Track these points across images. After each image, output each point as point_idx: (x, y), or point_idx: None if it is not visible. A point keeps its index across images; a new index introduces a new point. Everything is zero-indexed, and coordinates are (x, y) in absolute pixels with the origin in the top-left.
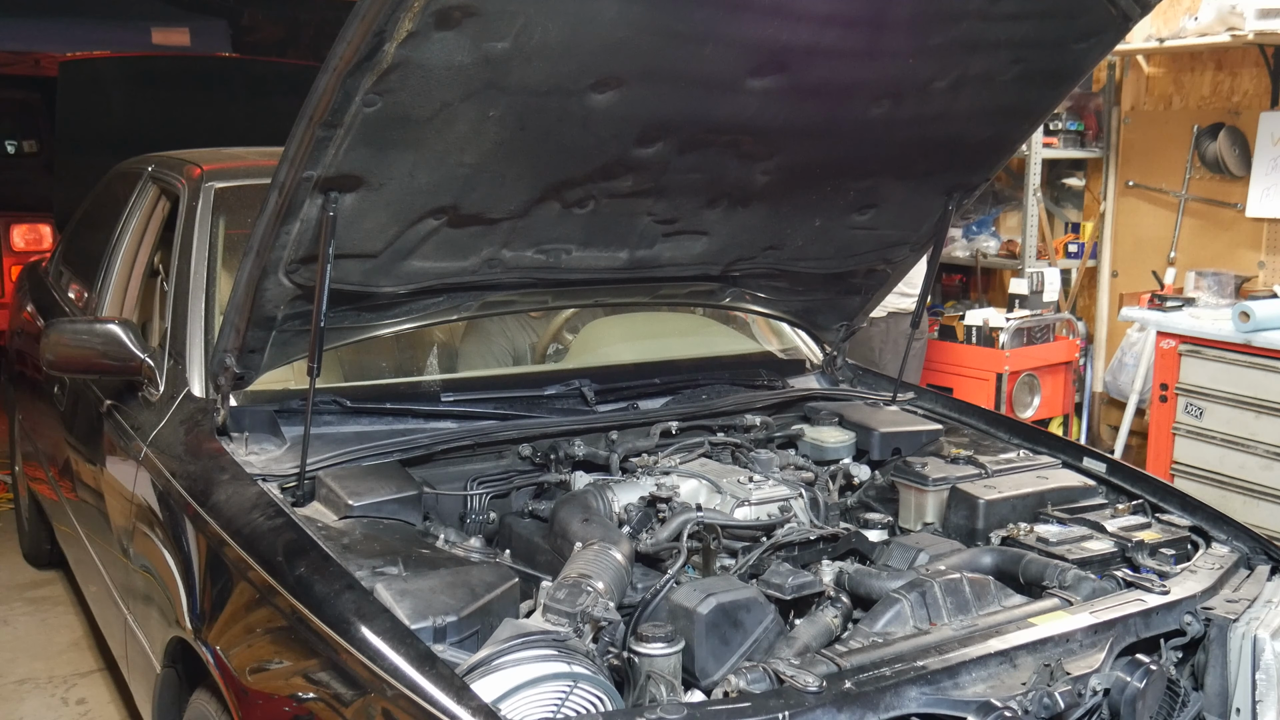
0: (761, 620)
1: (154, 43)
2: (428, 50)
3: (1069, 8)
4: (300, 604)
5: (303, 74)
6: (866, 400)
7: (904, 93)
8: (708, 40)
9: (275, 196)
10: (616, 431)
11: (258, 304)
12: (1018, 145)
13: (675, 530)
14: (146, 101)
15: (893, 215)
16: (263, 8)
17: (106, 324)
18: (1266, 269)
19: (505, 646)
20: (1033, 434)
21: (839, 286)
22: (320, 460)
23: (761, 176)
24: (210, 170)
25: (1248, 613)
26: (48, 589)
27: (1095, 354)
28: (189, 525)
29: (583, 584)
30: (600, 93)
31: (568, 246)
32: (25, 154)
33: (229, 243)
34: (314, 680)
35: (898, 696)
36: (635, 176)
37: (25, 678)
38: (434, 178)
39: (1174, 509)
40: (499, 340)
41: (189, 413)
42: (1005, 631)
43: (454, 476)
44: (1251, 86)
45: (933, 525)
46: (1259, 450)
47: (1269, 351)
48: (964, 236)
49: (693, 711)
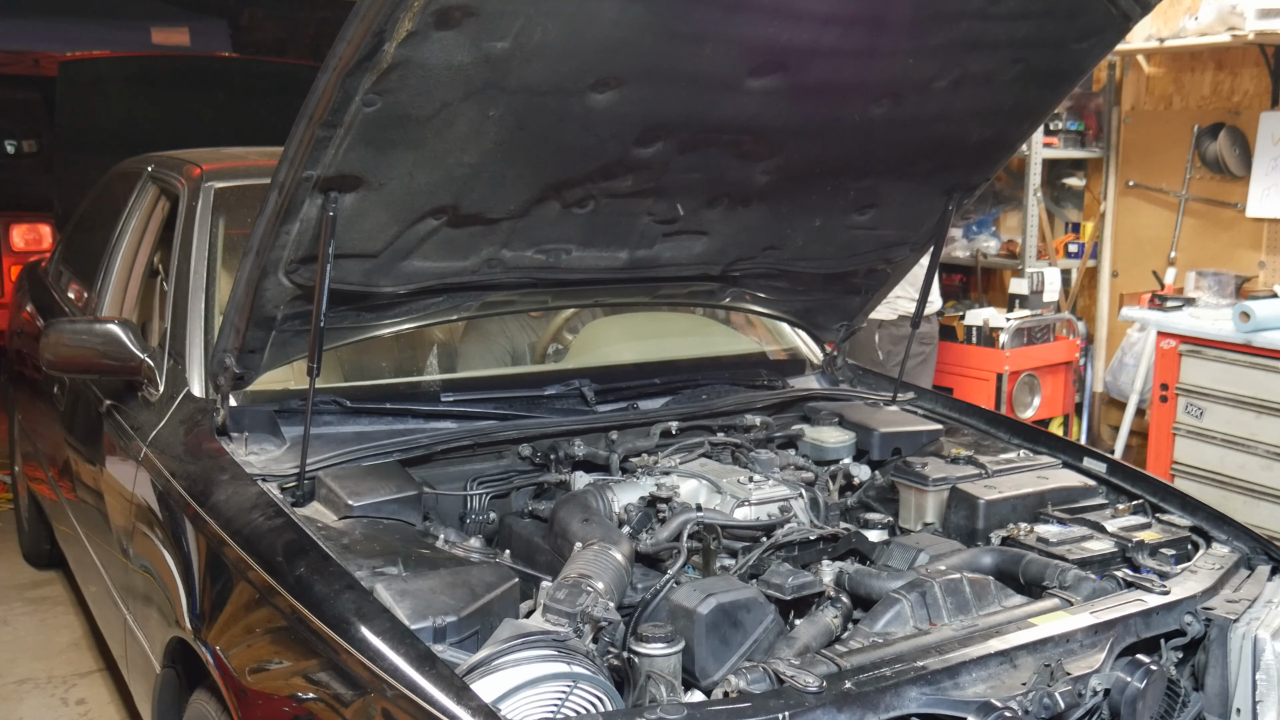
0: (761, 620)
1: (154, 43)
2: (428, 50)
3: (1069, 8)
4: (300, 604)
5: (303, 74)
6: (866, 400)
7: (904, 93)
8: (708, 40)
9: (275, 196)
10: (616, 431)
11: (258, 304)
12: (1018, 145)
13: (675, 530)
14: (146, 101)
15: (893, 215)
16: (263, 8)
17: (106, 324)
18: (1267, 269)
19: (505, 646)
20: (1033, 434)
21: (839, 286)
22: (320, 460)
23: (761, 176)
24: (210, 170)
25: (1248, 613)
26: (47, 589)
27: (1095, 354)
28: (189, 525)
29: (583, 584)
30: (600, 93)
31: (568, 246)
32: (25, 154)
33: (229, 243)
34: (314, 680)
35: (898, 697)
36: (635, 176)
37: (25, 678)
38: (434, 178)
39: (1174, 509)
40: (499, 340)
41: (189, 413)
42: (1005, 632)
43: (454, 476)
44: (1252, 86)
45: (933, 525)
46: (1259, 450)
47: (1269, 351)
48: (964, 236)
49: (693, 711)
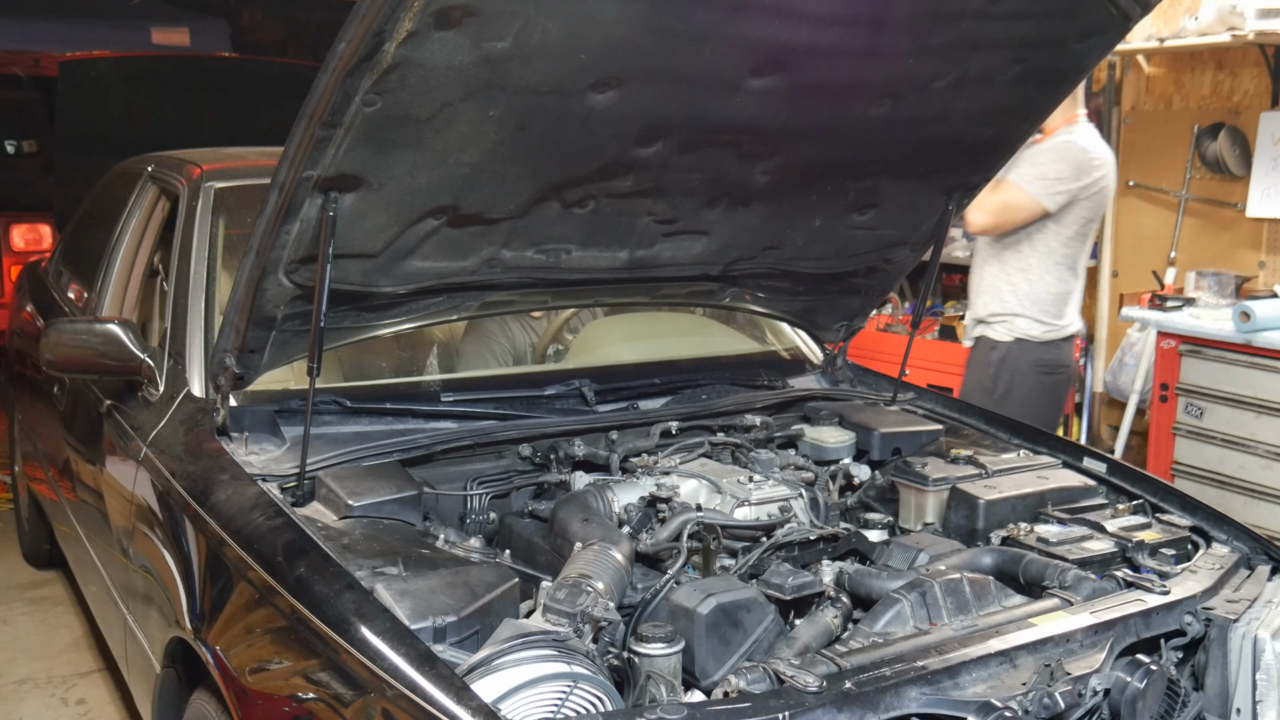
0: (761, 620)
1: (154, 43)
2: (428, 50)
3: (1069, 8)
4: (300, 604)
5: (303, 74)
6: (867, 400)
7: (904, 93)
8: (708, 40)
9: (275, 196)
10: (616, 431)
11: (258, 304)
12: (1018, 145)
13: (675, 530)
14: (146, 101)
15: (893, 215)
16: (263, 8)
17: (106, 324)
18: (1267, 269)
19: (505, 646)
20: (1033, 434)
21: (839, 286)
22: (320, 460)
23: (761, 176)
24: (210, 170)
25: (1248, 613)
26: (47, 589)
27: (1095, 354)
28: (189, 525)
29: (583, 584)
30: (600, 93)
31: (568, 246)
32: (25, 154)
33: (229, 243)
34: (314, 680)
35: (898, 697)
36: (635, 176)
37: (25, 678)
38: (434, 178)
39: (1174, 509)
40: (499, 340)
41: (189, 413)
42: (1005, 631)
43: (454, 476)
44: (1252, 86)
45: (933, 525)
46: (1259, 450)
47: (1269, 351)
48: (964, 236)
49: (693, 711)
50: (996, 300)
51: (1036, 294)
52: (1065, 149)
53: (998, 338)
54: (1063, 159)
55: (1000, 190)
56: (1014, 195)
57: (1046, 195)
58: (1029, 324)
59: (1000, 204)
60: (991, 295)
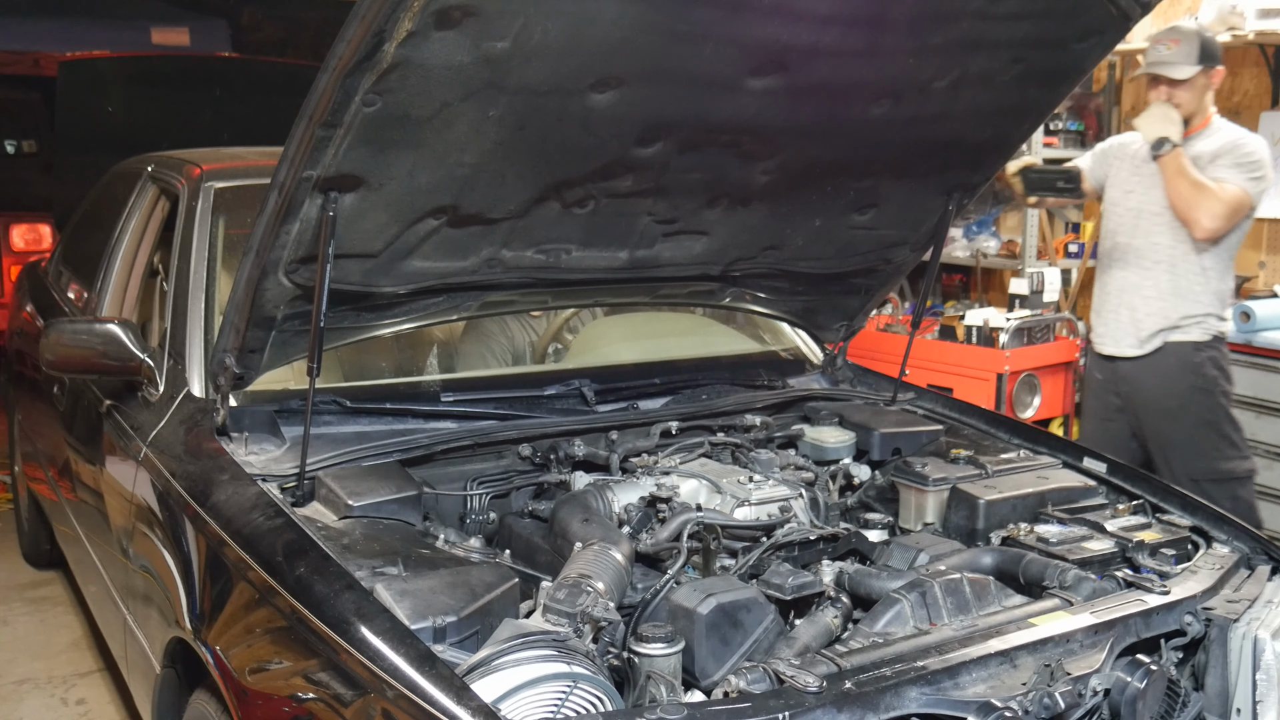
0: (761, 620)
1: (154, 43)
2: (428, 50)
3: (1069, 8)
4: (300, 604)
5: (303, 74)
6: (867, 400)
7: (904, 93)
8: (708, 40)
9: (275, 196)
10: (616, 431)
11: (257, 304)
12: (1018, 145)
13: (675, 530)
14: (146, 101)
15: (893, 215)
16: (263, 8)
17: (106, 324)
18: (1267, 269)
19: (505, 647)
20: (1033, 434)
21: (839, 286)
22: (320, 460)
23: (761, 176)
24: (210, 170)
25: (1248, 613)
26: (47, 589)
27: None
28: (189, 525)
29: (583, 584)
30: (600, 93)
31: (568, 246)
32: (25, 154)
33: (229, 243)
34: (314, 680)
35: (898, 697)
36: (635, 176)
37: (25, 678)
38: (434, 178)
39: (1174, 509)
40: (499, 340)
41: (189, 413)
42: (1005, 632)
43: (454, 476)
44: (1252, 86)
45: (933, 525)
46: (1259, 450)
47: (1269, 351)
48: (964, 236)
49: (693, 711)
50: (1189, 303)
51: (1222, 292)
52: (1258, 144)
53: (1196, 339)
54: (1263, 154)
55: (1225, 193)
56: (1240, 196)
57: (1259, 193)
58: (1218, 322)
59: (1232, 208)
60: (1176, 299)
